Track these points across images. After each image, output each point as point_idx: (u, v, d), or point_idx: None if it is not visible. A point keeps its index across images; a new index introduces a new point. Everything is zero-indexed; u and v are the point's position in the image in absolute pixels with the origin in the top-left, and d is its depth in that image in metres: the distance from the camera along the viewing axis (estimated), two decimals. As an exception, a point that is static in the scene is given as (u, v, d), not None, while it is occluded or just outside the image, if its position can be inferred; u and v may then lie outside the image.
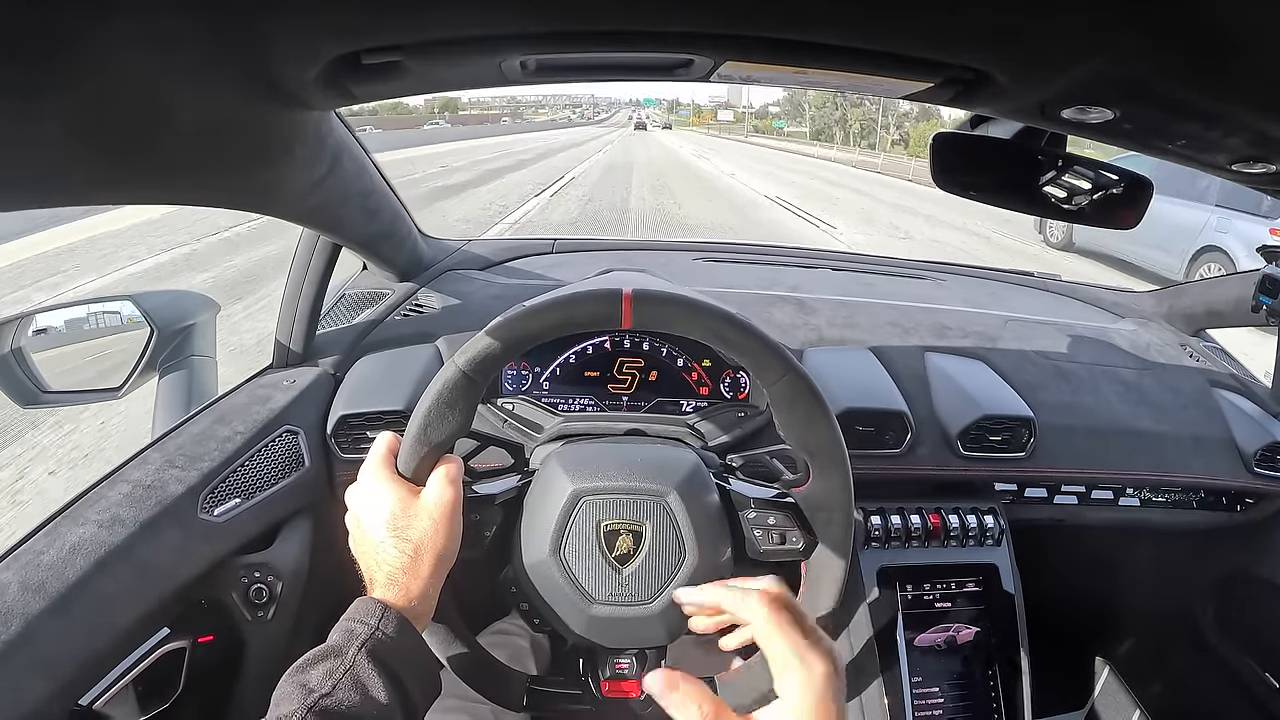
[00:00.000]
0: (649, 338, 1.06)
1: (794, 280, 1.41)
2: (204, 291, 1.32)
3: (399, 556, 0.60)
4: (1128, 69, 0.44)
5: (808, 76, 0.48)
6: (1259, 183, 0.63)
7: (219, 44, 0.41)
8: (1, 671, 0.64)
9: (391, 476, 0.64)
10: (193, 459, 0.89)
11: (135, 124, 0.45)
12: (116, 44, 0.37)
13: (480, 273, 1.37)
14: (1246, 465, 1.18)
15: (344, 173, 0.86)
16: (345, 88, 0.49)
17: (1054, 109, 0.53)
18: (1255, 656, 1.31)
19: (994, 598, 1.05)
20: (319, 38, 0.42)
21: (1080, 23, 0.39)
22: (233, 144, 0.58)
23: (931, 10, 0.39)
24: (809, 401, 0.64)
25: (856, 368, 1.13)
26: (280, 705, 0.50)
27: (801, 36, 0.42)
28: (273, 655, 0.95)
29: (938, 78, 0.48)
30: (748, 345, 0.65)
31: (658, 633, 0.68)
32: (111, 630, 0.74)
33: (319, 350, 1.13)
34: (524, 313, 0.64)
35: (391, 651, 0.55)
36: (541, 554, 0.67)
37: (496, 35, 0.42)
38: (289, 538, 0.97)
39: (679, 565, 0.67)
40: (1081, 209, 0.74)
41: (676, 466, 0.70)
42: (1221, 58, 0.40)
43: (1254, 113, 0.47)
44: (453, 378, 0.63)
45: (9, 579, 0.70)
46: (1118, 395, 1.19)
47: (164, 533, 0.81)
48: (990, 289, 1.58)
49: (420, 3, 0.38)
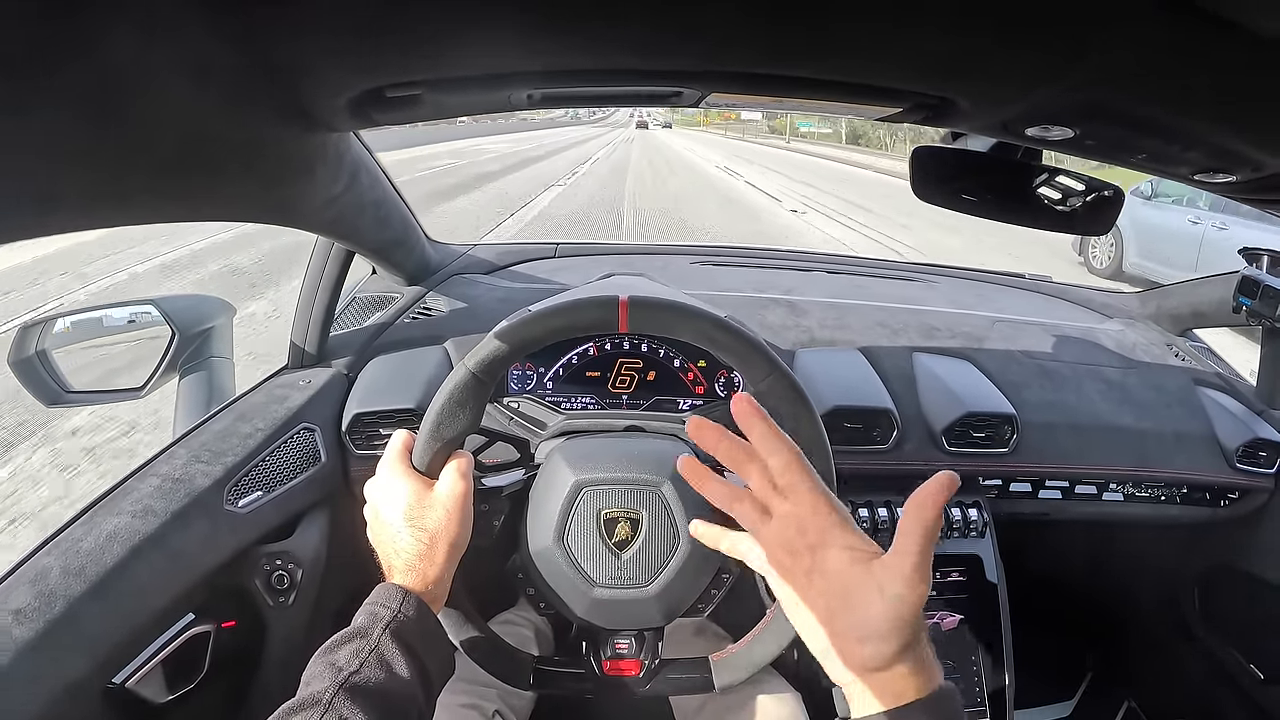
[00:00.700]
0: (647, 340, 1.10)
1: (788, 283, 1.45)
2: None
3: (415, 545, 0.63)
4: (1080, 94, 0.48)
5: (787, 103, 0.52)
6: (1224, 191, 0.66)
7: (259, 77, 0.45)
8: (47, 648, 0.69)
9: (407, 471, 0.67)
10: (217, 454, 0.93)
11: (180, 148, 0.50)
12: (161, 73, 0.41)
13: (485, 277, 1.41)
14: (1229, 461, 1.21)
15: (360, 186, 0.90)
16: (369, 115, 0.54)
17: (1017, 127, 0.57)
18: (1240, 648, 1.34)
19: (978, 587, 1.09)
20: (351, 74, 0.46)
21: (1030, 56, 0.43)
22: (261, 164, 0.63)
23: (895, 48, 0.44)
24: (793, 399, 0.68)
25: (846, 368, 1.16)
26: (311, 683, 0.54)
27: (780, 71, 0.46)
28: (293, 639, 1.00)
29: (907, 103, 0.53)
30: (735, 346, 0.68)
31: (654, 614, 0.73)
32: (144, 613, 0.79)
33: (332, 351, 1.17)
34: (528, 318, 0.68)
35: (412, 632, 0.59)
36: (546, 541, 0.72)
37: (507, 73, 0.47)
38: (308, 528, 1.01)
39: (674, 550, 0.71)
40: (1057, 216, 0.78)
41: (671, 458, 0.75)
42: (1172, 82, 0.44)
43: (1210, 128, 0.51)
44: (463, 379, 0.67)
45: (51, 563, 0.75)
46: (1100, 393, 1.23)
47: (193, 523, 0.85)
48: (980, 290, 1.60)
49: (441, 47, 0.42)
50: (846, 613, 0.48)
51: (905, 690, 0.46)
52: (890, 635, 0.46)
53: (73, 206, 0.48)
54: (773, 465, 0.52)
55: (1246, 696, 1.32)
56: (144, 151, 0.48)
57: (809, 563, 0.50)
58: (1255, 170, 0.56)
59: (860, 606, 0.47)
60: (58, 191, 0.45)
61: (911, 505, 0.47)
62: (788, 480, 0.52)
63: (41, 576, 0.73)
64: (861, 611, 0.47)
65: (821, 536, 0.50)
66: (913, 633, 0.47)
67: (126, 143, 0.46)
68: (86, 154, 0.44)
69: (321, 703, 0.51)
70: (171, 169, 0.52)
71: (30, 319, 1.11)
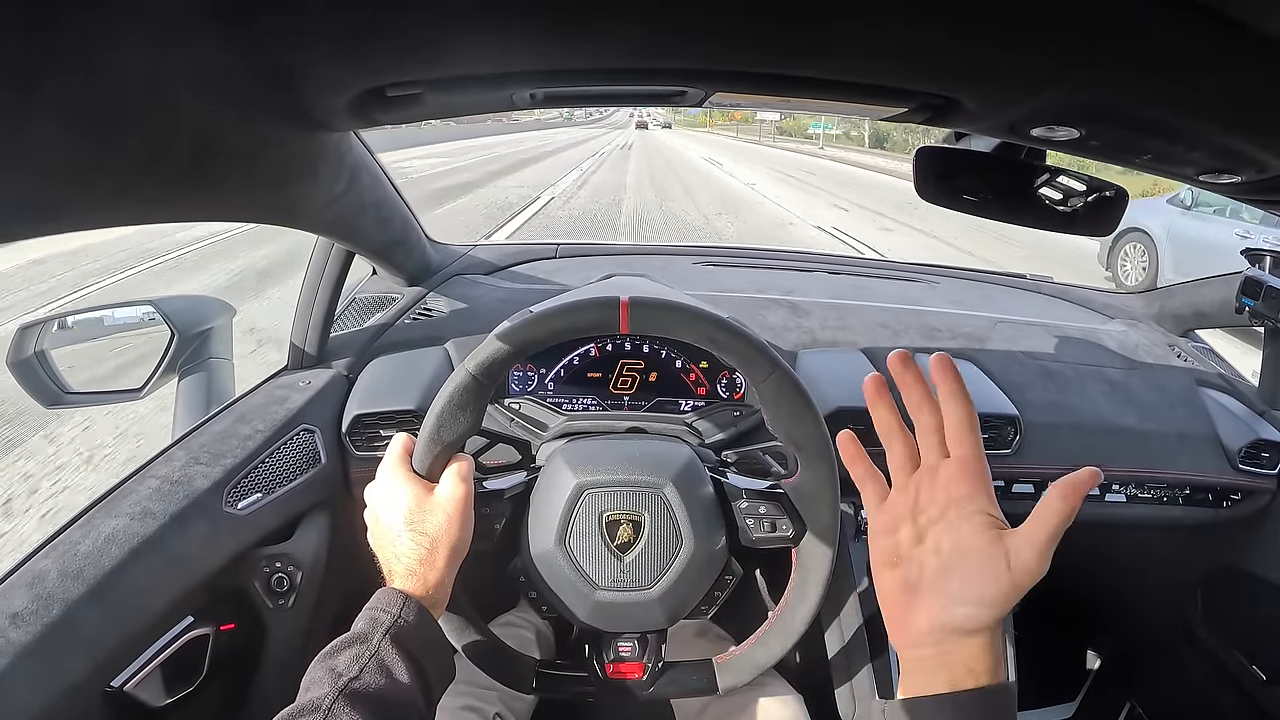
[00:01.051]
0: (649, 341, 1.10)
1: (789, 284, 1.44)
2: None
3: (416, 549, 0.63)
4: (1086, 96, 0.47)
5: (792, 103, 0.52)
6: (1228, 192, 0.66)
7: (261, 80, 0.45)
8: (45, 651, 0.69)
9: (408, 474, 0.67)
10: (216, 456, 0.93)
11: (185, 154, 0.50)
12: (173, 83, 0.42)
13: (486, 277, 1.41)
14: (1231, 462, 1.21)
15: (361, 186, 0.90)
16: (369, 114, 0.54)
17: (1023, 128, 0.56)
18: (1243, 649, 1.33)
19: None
20: (351, 74, 0.46)
21: (1037, 59, 0.43)
22: (264, 166, 0.63)
23: (900, 48, 0.43)
24: (795, 398, 0.68)
25: (848, 369, 1.16)
26: (311, 689, 0.54)
27: (784, 71, 0.46)
28: (292, 642, 0.99)
29: (912, 103, 0.52)
30: (737, 347, 0.68)
31: (657, 616, 0.73)
32: (143, 616, 0.79)
33: (332, 353, 1.17)
34: (529, 319, 0.68)
35: (413, 638, 0.59)
36: (548, 544, 0.72)
37: (509, 73, 0.46)
38: (307, 530, 1.01)
39: (676, 552, 0.71)
40: (1060, 217, 0.77)
41: (673, 460, 0.74)
42: (1179, 83, 0.44)
43: (1216, 130, 0.51)
44: (463, 381, 0.67)
45: (48, 566, 0.74)
46: (1103, 394, 1.22)
47: (192, 525, 0.85)
48: (982, 291, 1.60)
49: (442, 46, 0.42)
50: (962, 571, 0.47)
51: (976, 667, 0.46)
52: (996, 602, 0.46)
53: (81, 208, 0.48)
54: (950, 419, 0.51)
55: (1249, 698, 1.31)
56: (151, 158, 0.48)
57: (938, 518, 0.50)
58: (1260, 171, 0.56)
59: (979, 569, 0.47)
60: (68, 195, 0.45)
61: (1056, 489, 0.46)
62: (958, 437, 0.51)
63: (39, 579, 0.73)
64: (978, 574, 0.47)
65: (961, 495, 0.50)
66: (1007, 610, 0.47)
67: (135, 150, 0.46)
68: (97, 161, 0.44)
69: (321, 709, 0.51)
70: (177, 173, 0.52)
71: (28, 319, 1.11)
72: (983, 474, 0.50)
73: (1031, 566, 0.46)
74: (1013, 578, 0.46)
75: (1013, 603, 0.46)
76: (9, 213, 0.41)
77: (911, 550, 0.51)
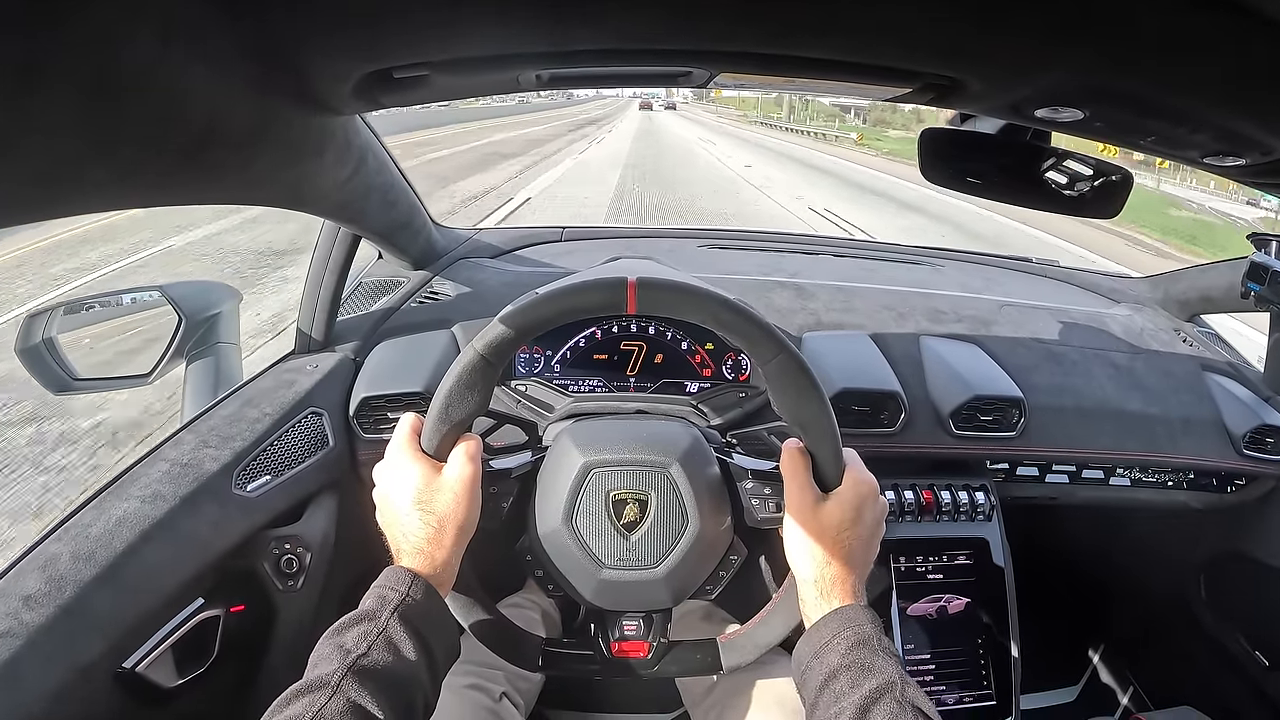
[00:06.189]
0: (654, 322, 1.10)
1: (795, 266, 1.44)
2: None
3: (424, 529, 0.64)
4: (1089, 77, 0.47)
5: (796, 84, 0.52)
6: (1232, 175, 0.66)
7: (268, 63, 0.46)
8: (57, 633, 0.70)
9: (416, 454, 0.67)
10: (225, 439, 0.94)
11: (195, 135, 0.50)
12: (180, 66, 0.42)
13: (492, 261, 1.41)
14: (1236, 447, 1.21)
15: (367, 169, 0.90)
16: (376, 97, 0.54)
17: (1027, 108, 0.56)
18: (1245, 634, 1.34)
19: (984, 570, 1.09)
20: (358, 57, 0.46)
21: (1040, 40, 0.43)
22: (271, 148, 0.63)
23: (905, 29, 0.43)
24: (800, 378, 0.68)
25: (853, 351, 1.16)
26: (319, 665, 0.55)
27: (789, 52, 0.46)
28: (301, 622, 1.00)
29: (916, 84, 0.52)
30: (743, 327, 0.68)
31: (662, 595, 0.73)
32: (155, 597, 0.80)
33: (339, 337, 1.18)
34: (536, 300, 0.68)
35: (420, 616, 0.59)
36: (555, 523, 0.72)
37: (515, 54, 0.47)
38: (316, 512, 1.02)
39: (682, 531, 0.72)
40: (1065, 200, 0.77)
41: (679, 440, 0.75)
42: (1183, 66, 0.44)
43: (1220, 111, 0.51)
44: (471, 361, 0.67)
45: (60, 549, 0.75)
46: (1109, 378, 1.23)
47: (202, 507, 0.86)
48: (987, 274, 1.60)
49: (449, 29, 0.42)
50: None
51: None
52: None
53: (89, 191, 0.49)
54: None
55: (1252, 682, 1.32)
56: (158, 140, 0.48)
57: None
58: (1265, 154, 0.56)
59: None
60: (76, 177, 0.45)
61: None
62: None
63: (51, 562, 0.74)
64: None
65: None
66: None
67: (142, 133, 0.46)
68: (105, 143, 0.44)
69: (329, 685, 0.52)
70: (184, 156, 0.53)
71: (35, 307, 1.11)
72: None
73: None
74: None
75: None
76: (16, 194, 0.42)
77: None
